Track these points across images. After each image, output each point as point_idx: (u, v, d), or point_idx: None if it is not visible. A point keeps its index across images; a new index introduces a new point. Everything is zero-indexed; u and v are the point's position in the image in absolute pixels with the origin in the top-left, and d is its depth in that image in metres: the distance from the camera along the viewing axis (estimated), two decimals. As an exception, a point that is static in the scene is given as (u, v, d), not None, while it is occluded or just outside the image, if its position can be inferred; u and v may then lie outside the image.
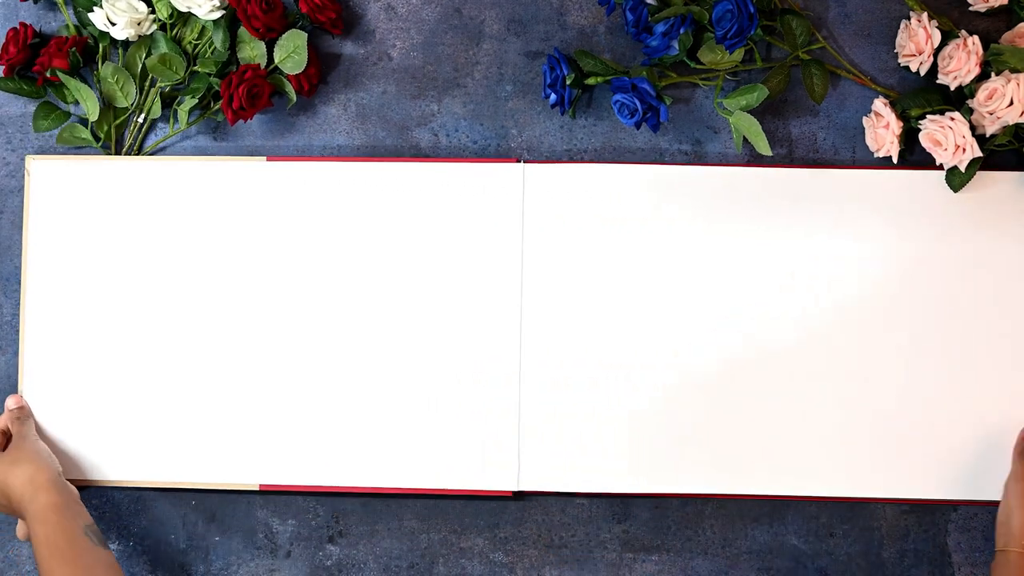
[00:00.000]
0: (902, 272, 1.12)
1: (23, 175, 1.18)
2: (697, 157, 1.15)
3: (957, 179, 1.10)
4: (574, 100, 1.13)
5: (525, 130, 1.16)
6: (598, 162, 1.15)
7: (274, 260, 1.15)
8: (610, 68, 1.13)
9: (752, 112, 1.09)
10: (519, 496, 1.15)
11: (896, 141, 1.09)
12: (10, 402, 1.15)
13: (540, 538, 1.15)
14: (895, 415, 1.12)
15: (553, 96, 1.12)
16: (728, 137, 1.14)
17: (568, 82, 1.11)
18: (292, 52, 1.13)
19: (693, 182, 1.13)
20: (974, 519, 1.14)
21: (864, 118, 1.12)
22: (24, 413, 1.15)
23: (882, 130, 1.10)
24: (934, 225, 1.12)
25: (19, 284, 1.18)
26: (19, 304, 1.18)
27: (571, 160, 1.15)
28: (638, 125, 1.10)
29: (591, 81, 1.13)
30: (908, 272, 1.12)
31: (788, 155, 1.15)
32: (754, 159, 1.14)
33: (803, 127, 1.15)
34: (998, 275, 1.12)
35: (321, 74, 1.16)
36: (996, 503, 1.11)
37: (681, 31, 1.08)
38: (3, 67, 1.16)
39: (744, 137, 1.09)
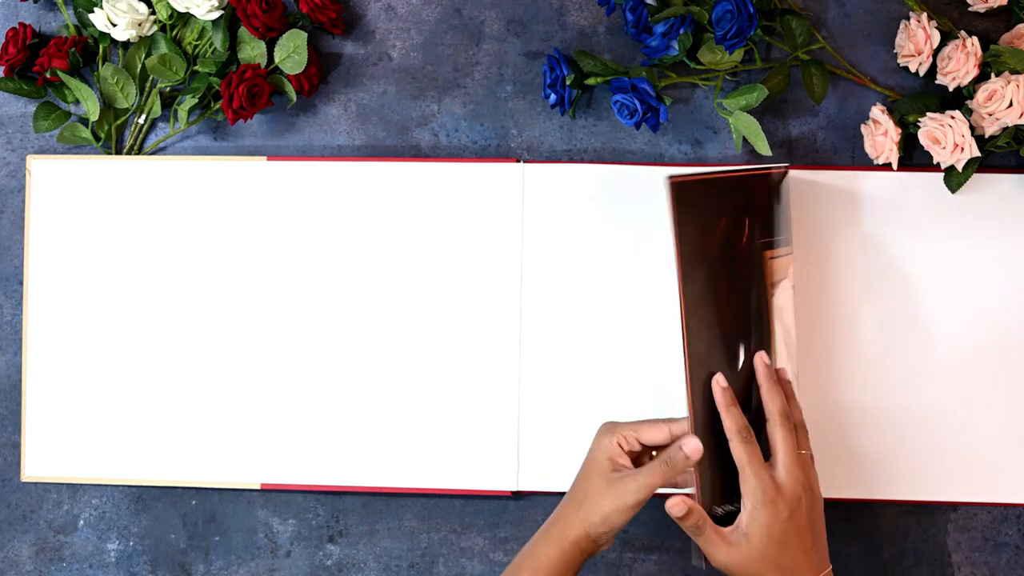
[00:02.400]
0: (909, 271, 1.11)
1: (23, 175, 1.18)
2: (697, 157, 1.14)
3: (954, 179, 1.09)
4: (574, 100, 1.12)
5: (525, 130, 1.15)
6: (598, 162, 1.14)
7: (274, 260, 1.14)
8: (610, 68, 1.12)
9: (752, 112, 1.08)
10: (519, 496, 1.14)
11: (895, 148, 1.08)
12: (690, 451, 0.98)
13: (540, 538, 1.15)
14: (895, 414, 1.12)
15: (553, 96, 1.12)
16: (728, 137, 1.14)
17: (568, 82, 1.10)
18: (292, 52, 1.12)
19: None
20: (974, 519, 1.13)
21: (862, 125, 1.11)
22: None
23: (880, 137, 1.09)
24: (931, 226, 1.12)
25: (20, 284, 1.17)
26: (20, 304, 1.17)
27: (571, 160, 1.15)
28: (638, 125, 1.09)
29: (591, 81, 1.12)
30: (915, 272, 1.12)
31: (788, 155, 1.14)
32: (754, 159, 1.13)
33: (803, 127, 1.14)
34: (996, 276, 1.12)
35: (321, 74, 1.16)
36: (996, 504, 1.11)
37: (681, 31, 1.07)
38: (3, 67, 1.15)
39: (744, 137, 1.09)
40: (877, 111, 1.09)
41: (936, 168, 1.09)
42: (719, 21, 1.06)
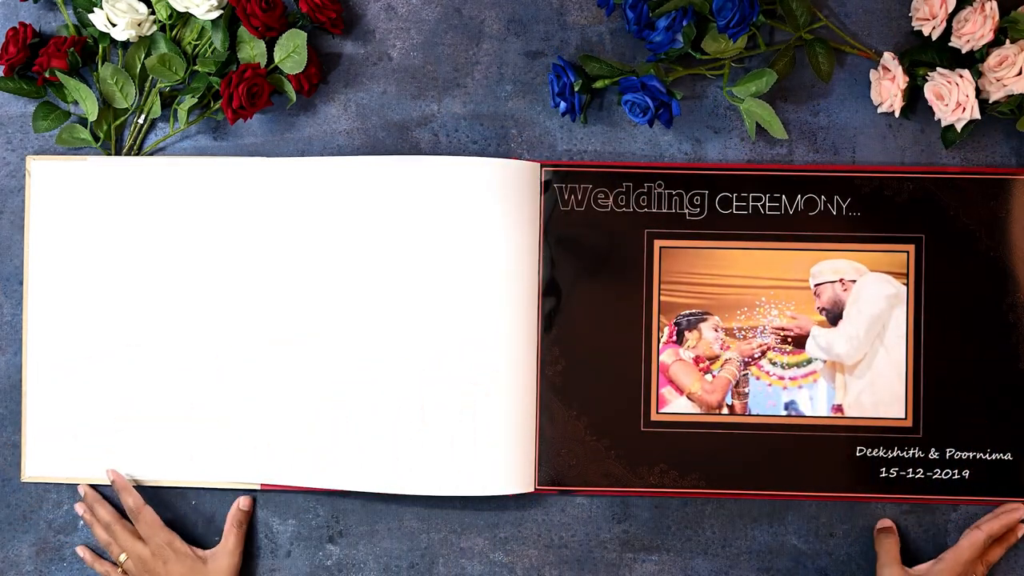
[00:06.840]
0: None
1: (23, 175, 1.15)
2: (697, 157, 1.12)
3: (951, 137, 1.08)
4: (584, 106, 1.10)
5: (525, 130, 1.13)
6: (600, 162, 1.11)
7: (274, 260, 1.11)
8: (616, 69, 1.09)
9: (762, 97, 1.06)
10: (519, 496, 1.12)
11: (900, 95, 1.06)
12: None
13: (540, 538, 1.12)
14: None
15: (563, 105, 1.09)
16: (728, 137, 1.11)
17: (576, 88, 1.08)
18: (292, 52, 1.09)
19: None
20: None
21: (871, 71, 1.09)
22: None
23: (887, 82, 1.06)
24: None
25: (20, 284, 1.15)
26: (20, 304, 1.14)
27: (571, 160, 1.12)
28: (651, 122, 1.06)
29: (599, 85, 1.09)
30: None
31: (788, 155, 1.12)
32: (754, 159, 1.11)
33: (803, 127, 1.12)
34: None
35: (321, 74, 1.13)
36: (995, 503, 1.09)
37: (684, 23, 1.05)
38: (3, 67, 1.12)
39: (757, 124, 1.06)
40: (888, 56, 1.06)
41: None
42: (720, 10, 1.03)
